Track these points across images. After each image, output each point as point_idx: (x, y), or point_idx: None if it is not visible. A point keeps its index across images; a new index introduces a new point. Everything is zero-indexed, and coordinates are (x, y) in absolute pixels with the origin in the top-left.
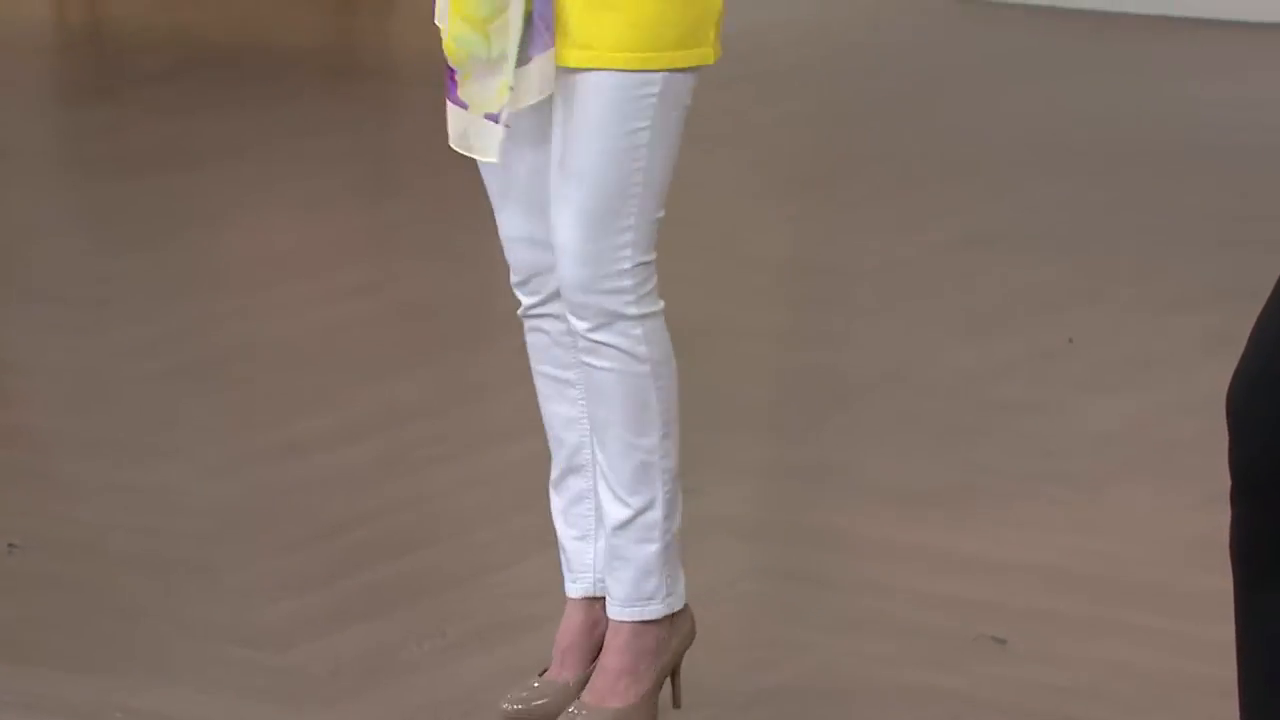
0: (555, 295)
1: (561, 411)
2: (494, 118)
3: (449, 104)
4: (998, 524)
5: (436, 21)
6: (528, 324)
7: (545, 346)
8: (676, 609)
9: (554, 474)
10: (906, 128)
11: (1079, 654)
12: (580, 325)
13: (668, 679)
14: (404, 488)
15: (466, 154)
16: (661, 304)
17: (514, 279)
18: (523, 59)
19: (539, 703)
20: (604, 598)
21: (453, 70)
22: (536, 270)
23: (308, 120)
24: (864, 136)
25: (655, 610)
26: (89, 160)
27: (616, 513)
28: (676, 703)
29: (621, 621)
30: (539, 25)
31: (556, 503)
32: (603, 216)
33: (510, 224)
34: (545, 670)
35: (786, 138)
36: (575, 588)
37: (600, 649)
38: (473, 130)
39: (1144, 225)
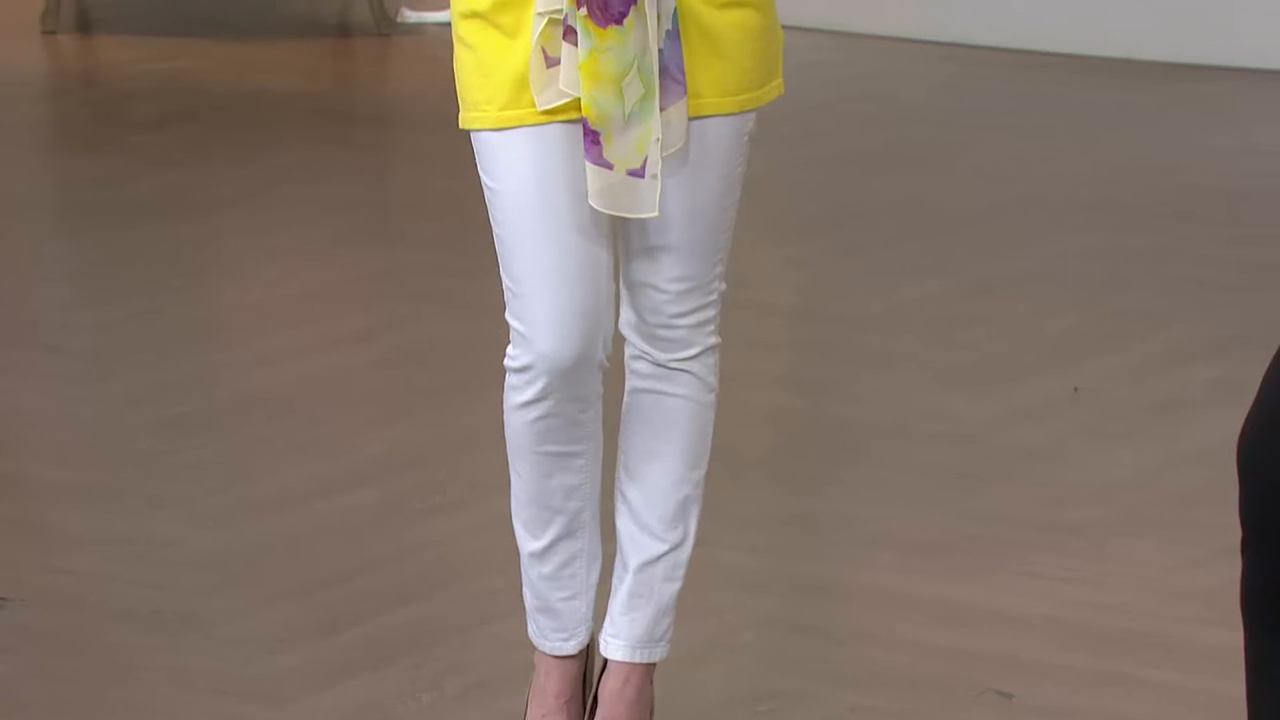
0: (580, 372)
1: (566, 481)
2: (638, 173)
3: (590, 166)
4: (1004, 575)
5: (563, 88)
6: (534, 411)
7: (557, 429)
8: (666, 655)
9: (537, 546)
10: (917, 175)
11: (1086, 709)
12: (661, 356)
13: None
14: (403, 536)
15: (615, 214)
16: None
17: (528, 368)
18: (660, 109)
19: None
20: (593, 643)
21: (594, 133)
22: (563, 355)
23: (303, 167)
24: (873, 183)
25: (661, 652)
26: (83, 208)
27: (648, 549)
28: None
29: (632, 664)
30: (672, 75)
31: (542, 570)
32: (706, 253)
33: (557, 302)
34: None
35: (795, 184)
36: (570, 644)
37: (591, 694)
38: (620, 190)
39: (1153, 273)
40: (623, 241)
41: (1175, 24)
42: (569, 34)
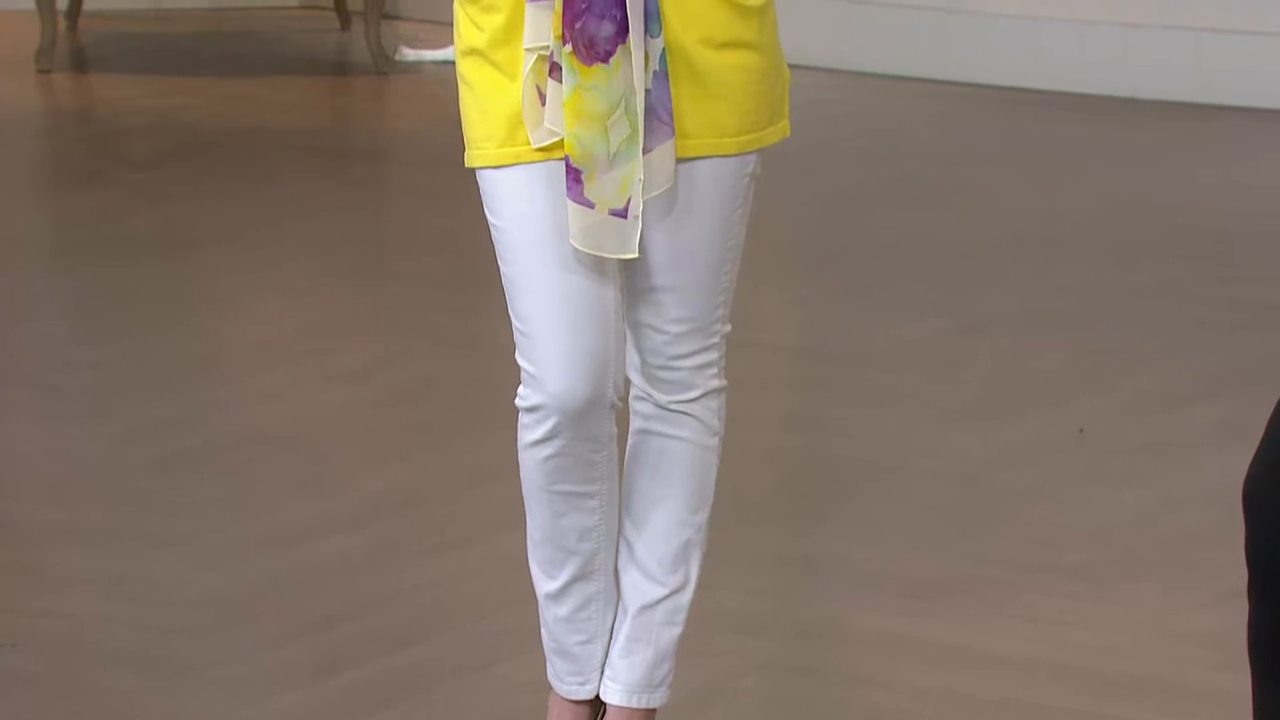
0: (591, 413)
1: (580, 522)
2: (620, 213)
3: (571, 204)
4: (1004, 617)
5: (548, 125)
6: (545, 450)
7: (568, 468)
8: (666, 702)
9: (552, 587)
10: (915, 212)
11: None
12: (663, 397)
13: None
14: (401, 577)
15: (596, 254)
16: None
17: (538, 409)
18: (645, 150)
19: None
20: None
21: (576, 170)
22: (573, 396)
23: (300, 204)
24: (871, 221)
25: (661, 698)
26: (79, 245)
27: (648, 593)
28: None
29: (631, 709)
30: (659, 116)
31: (558, 612)
32: (705, 294)
33: (565, 342)
34: None
35: (793, 222)
36: (585, 689)
37: None
38: (602, 229)
39: (1156, 312)
40: (627, 282)
41: (1171, 63)
42: (555, 71)
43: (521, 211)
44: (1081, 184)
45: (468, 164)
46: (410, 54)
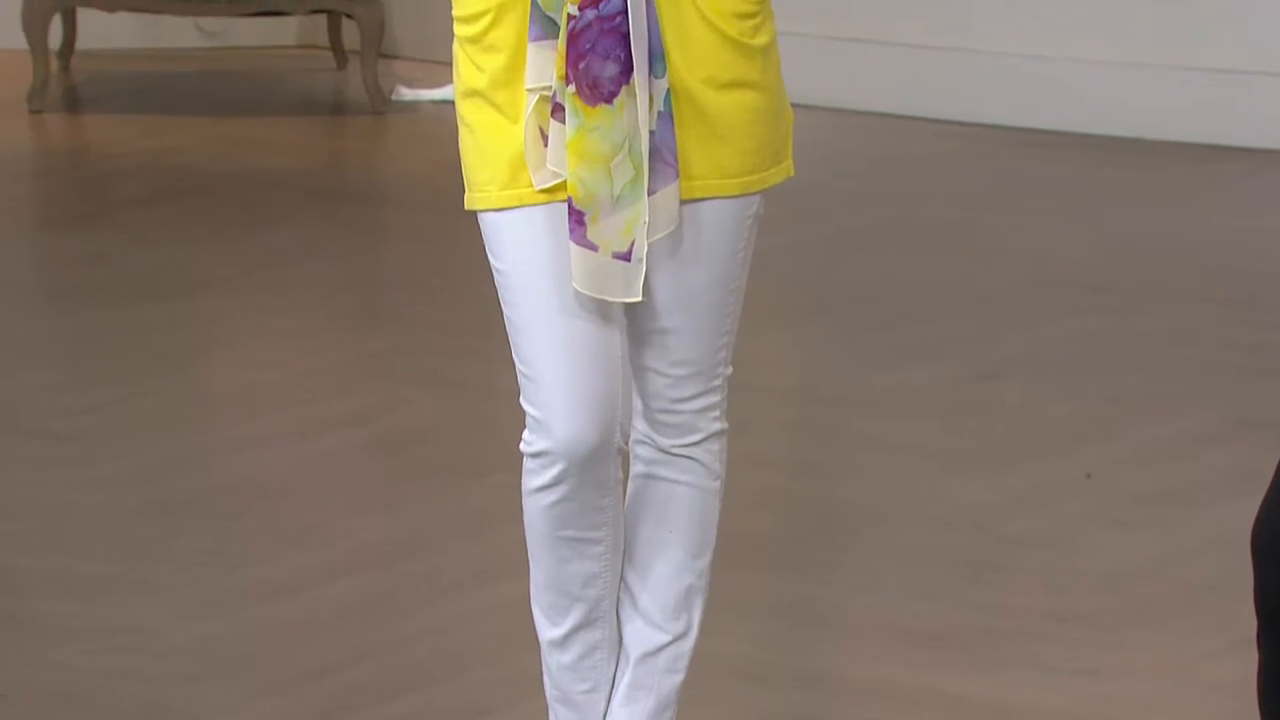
0: (597, 458)
1: (585, 569)
2: (624, 256)
3: (574, 246)
4: (1012, 667)
5: (551, 166)
6: (550, 495)
7: (574, 514)
8: None
9: (557, 633)
10: (918, 255)
11: None
12: (665, 441)
13: None
14: (397, 626)
15: (600, 298)
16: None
17: (543, 454)
18: (649, 192)
19: None
20: None
21: (579, 212)
22: (580, 441)
23: (294, 247)
24: (873, 264)
25: None
26: (69, 289)
27: (650, 640)
28: None
29: None
30: (663, 157)
31: (561, 660)
32: (708, 337)
33: (571, 386)
34: None
35: (798, 263)
36: None
37: None
38: (605, 272)
39: (1163, 357)
40: (629, 324)
41: (1186, 103)
42: (557, 111)
43: (525, 255)
44: (1092, 226)
45: (468, 206)
46: (408, 93)
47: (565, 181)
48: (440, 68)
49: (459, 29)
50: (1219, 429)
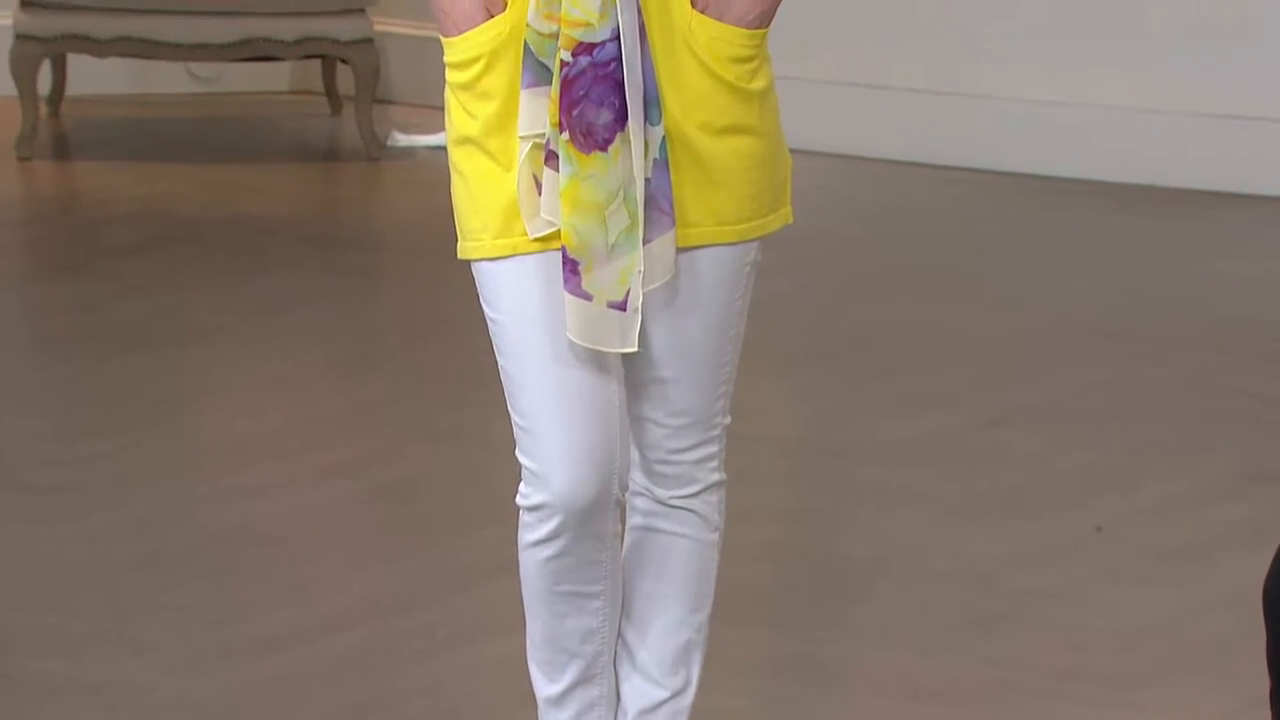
0: (597, 511)
1: (583, 624)
2: (619, 306)
3: (568, 296)
4: None
5: (544, 214)
6: (548, 550)
7: (572, 569)
8: None
9: (553, 691)
10: (926, 302)
11: None
12: (662, 492)
13: None
14: (390, 683)
15: (593, 348)
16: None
17: (541, 507)
18: (645, 240)
19: None
20: None
21: (573, 261)
22: (579, 494)
23: (287, 294)
24: (880, 311)
25: None
26: (57, 338)
27: (648, 696)
28: None
29: None
30: (659, 205)
31: (559, 717)
32: (705, 386)
33: (569, 438)
34: None
35: (798, 310)
36: None
37: None
38: (600, 323)
39: (1177, 407)
40: (626, 374)
41: (1199, 150)
42: (551, 159)
43: (520, 304)
44: (1104, 274)
45: (461, 256)
46: (403, 139)
47: (560, 230)
48: (437, 112)
49: (451, 75)
50: (1233, 482)
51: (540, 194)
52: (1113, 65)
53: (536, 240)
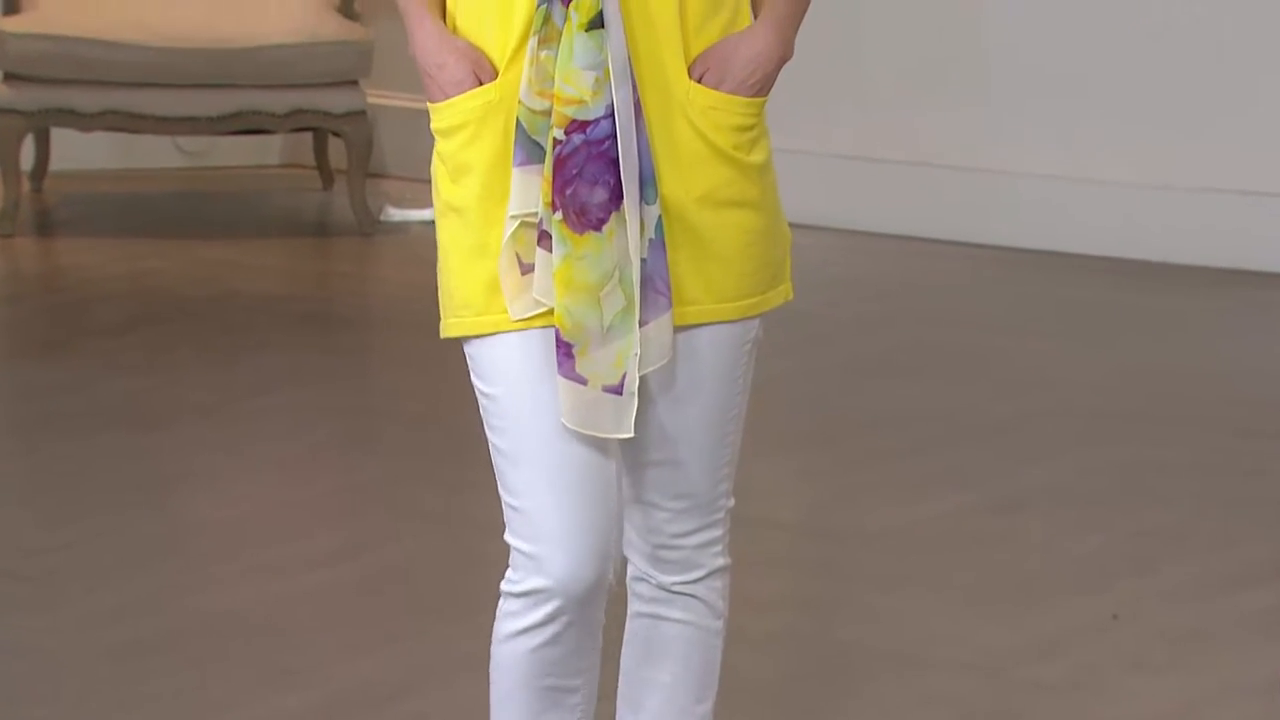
0: (593, 595)
1: None
2: (615, 389)
3: (562, 380)
4: None
5: (537, 295)
6: (536, 638)
7: (559, 659)
8: None
9: None
10: (934, 382)
11: None
12: (664, 578)
13: None
14: None
15: (592, 434)
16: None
17: (533, 593)
18: (641, 322)
19: None
20: None
21: (567, 345)
22: (578, 577)
23: (277, 374)
24: (888, 390)
25: None
26: (38, 420)
27: None
28: None
29: None
30: (656, 287)
31: None
32: (707, 468)
33: (566, 519)
34: None
35: (802, 390)
36: None
37: None
38: (595, 407)
39: (1191, 489)
40: (624, 456)
41: (1209, 226)
42: (544, 239)
43: (512, 380)
44: (1116, 352)
45: (443, 334)
46: (396, 214)
47: (549, 308)
48: (429, 187)
49: (438, 143)
50: (1251, 567)
51: (522, 274)
52: (1120, 141)
53: (519, 321)
